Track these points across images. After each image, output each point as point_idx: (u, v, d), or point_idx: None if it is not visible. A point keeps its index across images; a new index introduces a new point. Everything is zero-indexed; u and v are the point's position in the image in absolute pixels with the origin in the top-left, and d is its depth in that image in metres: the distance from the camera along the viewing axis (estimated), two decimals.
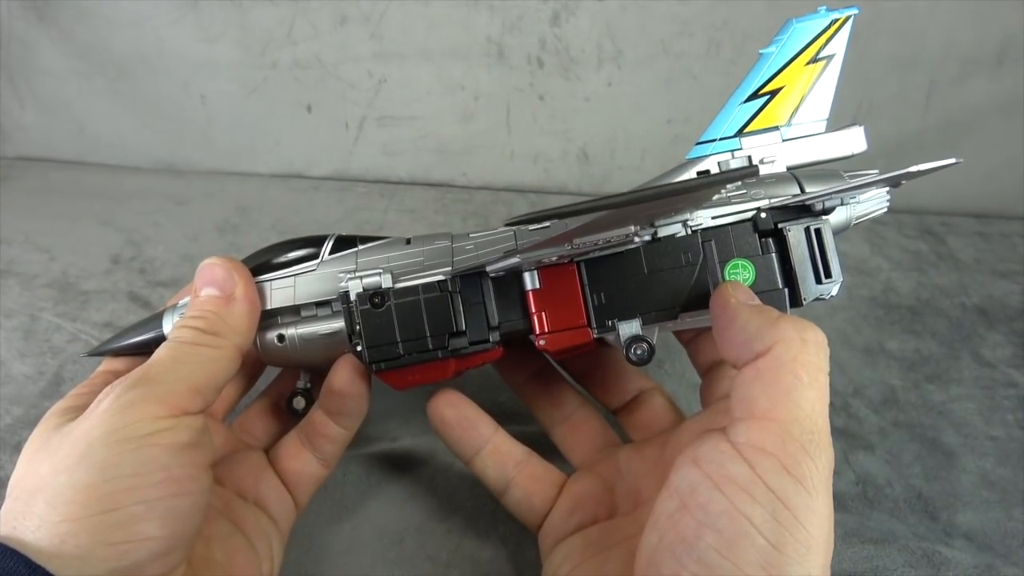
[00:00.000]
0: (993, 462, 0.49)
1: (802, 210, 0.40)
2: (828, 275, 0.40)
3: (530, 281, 0.38)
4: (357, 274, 0.39)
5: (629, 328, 0.38)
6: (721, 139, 0.44)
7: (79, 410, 0.34)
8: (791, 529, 0.27)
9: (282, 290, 0.41)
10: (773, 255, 0.39)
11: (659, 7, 0.77)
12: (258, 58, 0.83)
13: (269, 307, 0.40)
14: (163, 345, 0.35)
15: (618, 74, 0.81)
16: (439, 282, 0.38)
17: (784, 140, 0.44)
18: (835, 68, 0.45)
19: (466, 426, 0.41)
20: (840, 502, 0.45)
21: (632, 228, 0.34)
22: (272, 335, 0.41)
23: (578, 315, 0.38)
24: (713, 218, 0.40)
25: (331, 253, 0.41)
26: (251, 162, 0.90)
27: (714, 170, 0.43)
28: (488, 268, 0.37)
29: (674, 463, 0.32)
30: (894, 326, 0.63)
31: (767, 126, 0.44)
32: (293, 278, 0.41)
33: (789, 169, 0.44)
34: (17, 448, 0.48)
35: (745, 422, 0.30)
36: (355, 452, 0.49)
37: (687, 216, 0.39)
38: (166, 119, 0.88)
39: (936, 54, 0.77)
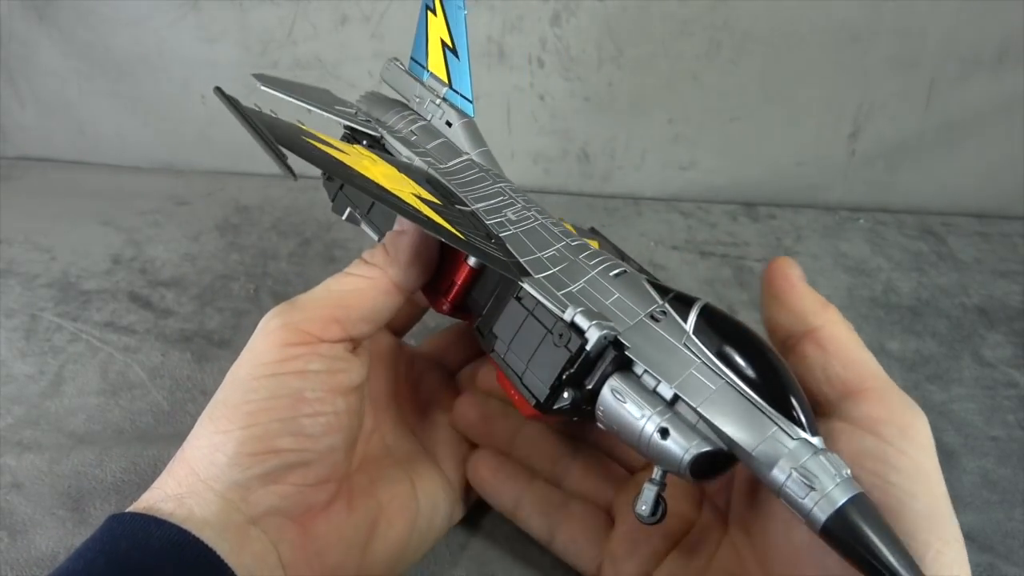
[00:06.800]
0: (994, 462, 0.49)
1: None
2: None
3: None
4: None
5: None
6: None
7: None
8: (928, 489, 0.27)
9: None
10: None
11: (659, 7, 0.77)
12: (258, 58, 0.83)
13: None
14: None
15: (618, 74, 0.81)
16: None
17: None
18: None
19: (502, 478, 0.41)
20: None
21: None
22: None
23: None
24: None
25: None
26: (251, 162, 0.90)
27: None
28: None
29: None
30: (894, 326, 0.63)
31: None
32: None
33: None
34: (18, 446, 0.48)
35: (849, 399, 0.30)
36: None
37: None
38: (166, 119, 0.88)
39: (936, 54, 0.77)
